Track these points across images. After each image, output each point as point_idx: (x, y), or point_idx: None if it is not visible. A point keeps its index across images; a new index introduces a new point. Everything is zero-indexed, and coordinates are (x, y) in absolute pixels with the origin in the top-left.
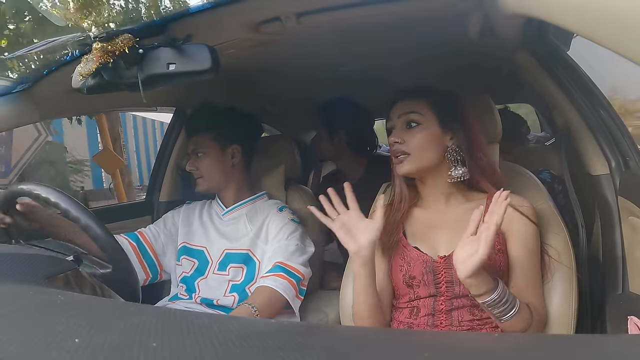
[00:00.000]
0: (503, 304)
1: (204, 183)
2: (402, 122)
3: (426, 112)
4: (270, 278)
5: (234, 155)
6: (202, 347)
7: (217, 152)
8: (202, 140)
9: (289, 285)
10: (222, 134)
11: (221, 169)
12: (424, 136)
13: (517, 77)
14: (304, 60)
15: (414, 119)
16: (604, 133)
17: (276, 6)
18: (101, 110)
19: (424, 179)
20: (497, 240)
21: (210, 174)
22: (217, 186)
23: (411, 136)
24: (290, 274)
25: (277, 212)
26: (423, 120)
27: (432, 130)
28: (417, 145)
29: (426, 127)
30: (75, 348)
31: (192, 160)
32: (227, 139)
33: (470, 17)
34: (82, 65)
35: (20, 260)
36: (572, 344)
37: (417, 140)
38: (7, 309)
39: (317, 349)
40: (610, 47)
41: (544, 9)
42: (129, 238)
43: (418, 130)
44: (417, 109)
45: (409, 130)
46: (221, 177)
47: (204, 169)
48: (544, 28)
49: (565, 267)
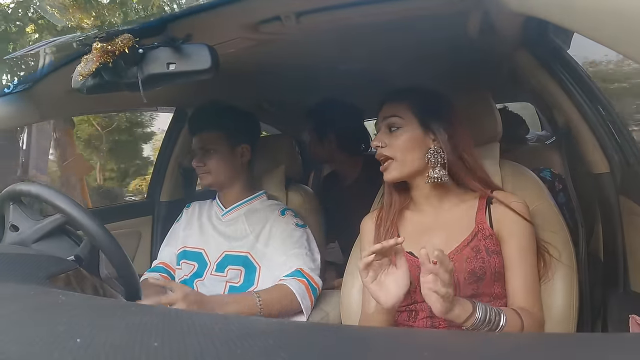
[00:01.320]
0: (488, 323)
1: (209, 178)
2: (385, 126)
3: (406, 115)
4: (293, 280)
5: (243, 154)
6: (204, 347)
7: (228, 150)
8: (213, 138)
9: (305, 294)
10: (234, 133)
11: (230, 167)
12: (406, 139)
13: (517, 76)
14: (304, 59)
15: (394, 122)
16: (605, 132)
17: (276, 6)
18: (101, 111)
19: (414, 182)
20: (491, 242)
21: (218, 171)
22: (222, 184)
23: (393, 139)
24: (310, 284)
25: (279, 216)
26: (403, 123)
27: (414, 133)
28: (399, 148)
29: (407, 129)
30: (77, 348)
31: (200, 156)
32: (238, 138)
33: (470, 15)
34: (82, 65)
35: (21, 261)
36: (573, 343)
37: (399, 143)
38: (9, 309)
39: (318, 349)
40: (610, 46)
41: (544, 7)
42: (159, 272)
43: (400, 134)
44: (397, 112)
45: (391, 134)
46: (228, 175)
47: (212, 166)
48: (543, 26)
49: (566, 265)
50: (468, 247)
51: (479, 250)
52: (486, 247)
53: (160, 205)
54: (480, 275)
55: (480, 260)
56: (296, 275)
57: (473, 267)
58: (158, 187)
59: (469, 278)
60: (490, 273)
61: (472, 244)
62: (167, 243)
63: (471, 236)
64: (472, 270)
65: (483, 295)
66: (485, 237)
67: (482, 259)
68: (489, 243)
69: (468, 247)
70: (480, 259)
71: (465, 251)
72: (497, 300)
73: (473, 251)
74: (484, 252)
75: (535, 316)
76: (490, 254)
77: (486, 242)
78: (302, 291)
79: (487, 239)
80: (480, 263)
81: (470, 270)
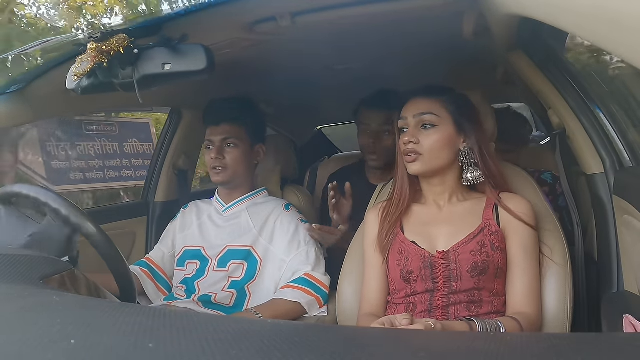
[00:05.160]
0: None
1: (225, 174)
2: (417, 122)
3: (442, 113)
4: (295, 291)
5: (258, 154)
6: (199, 348)
7: (248, 147)
8: (236, 131)
9: (312, 301)
10: (254, 129)
11: (246, 164)
12: (439, 138)
13: (511, 77)
14: (299, 59)
15: (430, 120)
16: (599, 132)
17: (271, 6)
18: (96, 111)
19: (432, 179)
20: (497, 238)
21: (235, 167)
22: (235, 180)
23: (426, 137)
24: (316, 289)
25: (283, 210)
26: (439, 121)
27: (448, 132)
28: (431, 146)
29: (441, 128)
30: (72, 349)
31: (218, 148)
32: (257, 136)
33: (465, 16)
34: (77, 65)
35: (14, 262)
36: (568, 343)
37: (432, 142)
38: (2, 310)
39: (313, 349)
40: (605, 47)
41: (539, 8)
42: (140, 266)
43: (433, 132)
44: (433, 110)
45: (424, 131)
46: (242, 172)
47: (231, 160)
48: (538, 28)
49: (559, 265)
50: (473, 241)
51: (484, 244)
52: (491, 243)
53: (154, 206)
54: (483, 269)
55: (485, 254)
56: (302, 284)
57: (477, 261)
58: (153, 187)
59: (472, 271)
60: (493, 268)
61: (477, 238)
62: (160, 241)
63: (477, 231)
64: (476, 263)
65: (483, 289)
66: (491, 233)
67: (487, 253)
68: (495, 239)
69: (473, 241)
70: (484, 253)
71: (471, 245)
72: (496, 297)
73: (478, 245)
74: (488, 247)
75: (532, 319)
76: (495, 249)
77: (492, 238)
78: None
79: (493, 235)
80: (484, 257)
81: (474, 263)
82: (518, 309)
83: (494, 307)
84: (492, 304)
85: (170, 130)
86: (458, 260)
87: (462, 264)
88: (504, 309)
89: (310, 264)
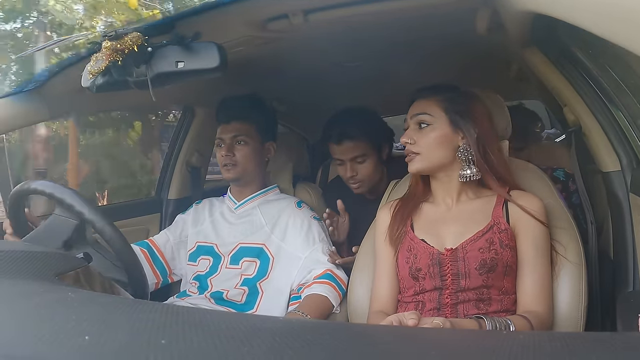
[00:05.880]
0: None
1: (235, 171)
2: (414, 123)
3: (437, 112)
4: (323, 285)
5: (269, 151)
6: (211, 345)
7: (258, 144)
8: (246, 129)
9: (337, 297)
10: (265, 127)
11: (257, 162)
12: (435, 136)
13: (526, 74)
14: (312, 57)
15: (424, 119)
16: (615, 130)
17: (283, 3)
18: (111, 109)
19: (436, 176)
20: (506, 236)
21: (245, 164)
22: (245, 177)
23: (422, 136)
24: (339, 286)
25: (295, 207)
26: (433, 120)
27: (443, 130)
28: (427, 145)
29: (436, 127)
30: (86, 345)
31: (228, 146)
32: (268, 134)
33: (479, 13)
34: (92, 63)
35: (30, 258)
36: (582, 342)
37: (428, 141)
38: (18, 306)
39: (325, 347)
40: (620, 43)
41: (554, 5)
42: (141, 245)
43: (429, 131)
44: (427, 110)
45: (420, 131)
46: (252, 169)
47: (241, 157)
48: (553, 24)
49: (573, 263)
50: (482, 238)
51: (493, 242)
52: (500, 240)
53: (168, 203)
54: (492, 266)
55: (493, 252)
56: (328, 279)
57: (485, 258)
58: (166, 184)
59: (480, 268)
60: (502, 266)
61: (486, 235)
62: (169, 228)
63: (486, 228)
64: (484, 260)
65: (492, 287)
66: (500, 231)
67: (495, 250)
68: (504, 237)
69: (482, 238)
70: (493, 250)
71: (479, 242)
72: (506, 296)
73: (487, 242)
74: (497, 245)
75: (543, 318)
76: (504, 247)
77: (501, 236)
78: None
79: (502, 233)
80: (492, 255)
81: (482, 261)
82: (528, 307)
83: (504, 305)
84: (502, 302)
85: (184, 128)
86: (466, 257)
87: (470, 262)
88: (513, 307)
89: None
